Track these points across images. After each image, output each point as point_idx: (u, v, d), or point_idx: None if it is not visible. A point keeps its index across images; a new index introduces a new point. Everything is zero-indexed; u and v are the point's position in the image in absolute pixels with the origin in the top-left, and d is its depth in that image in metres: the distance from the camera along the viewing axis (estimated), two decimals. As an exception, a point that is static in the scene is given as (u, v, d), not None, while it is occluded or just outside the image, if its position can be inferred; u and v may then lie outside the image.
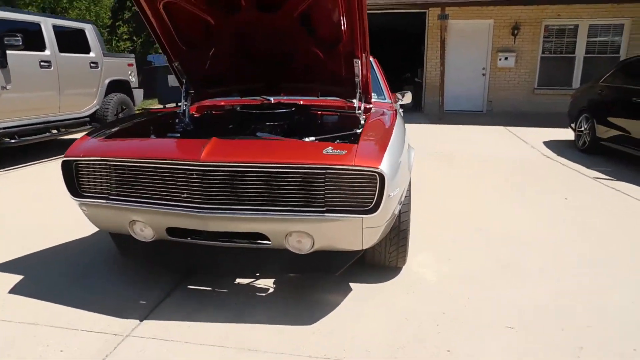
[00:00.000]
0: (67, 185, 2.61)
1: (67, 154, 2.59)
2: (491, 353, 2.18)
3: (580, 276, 2.99)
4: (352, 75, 3.05)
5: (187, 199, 2.36)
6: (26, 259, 3.21)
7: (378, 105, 3.62)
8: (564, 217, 4.13)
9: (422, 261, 3.18)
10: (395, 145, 2.51)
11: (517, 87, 11.99)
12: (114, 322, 2.43)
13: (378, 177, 2.22)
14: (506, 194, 4.92)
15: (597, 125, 6.81)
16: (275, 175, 2.27)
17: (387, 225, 2.49)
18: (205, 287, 2.80)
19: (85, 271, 3.02)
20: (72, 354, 2.17)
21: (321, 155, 2.27)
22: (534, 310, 2.57)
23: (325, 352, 2.18)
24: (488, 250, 3.39)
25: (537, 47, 11.72)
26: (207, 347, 2.22)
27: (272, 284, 2.84)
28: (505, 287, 2.84)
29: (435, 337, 2.31)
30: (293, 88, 3.63)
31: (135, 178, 2.47)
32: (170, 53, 3.25)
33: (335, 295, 2.71)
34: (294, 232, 2.35)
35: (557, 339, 2.30)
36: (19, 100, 6.09)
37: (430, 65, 12.11)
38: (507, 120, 10.50)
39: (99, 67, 7.59)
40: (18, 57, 6.01)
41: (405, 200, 2.76)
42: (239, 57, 3.31)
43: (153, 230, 2.54)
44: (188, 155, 2.33)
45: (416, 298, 2.70)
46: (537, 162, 6.56)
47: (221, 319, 2.46)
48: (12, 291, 2.75)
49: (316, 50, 3.10)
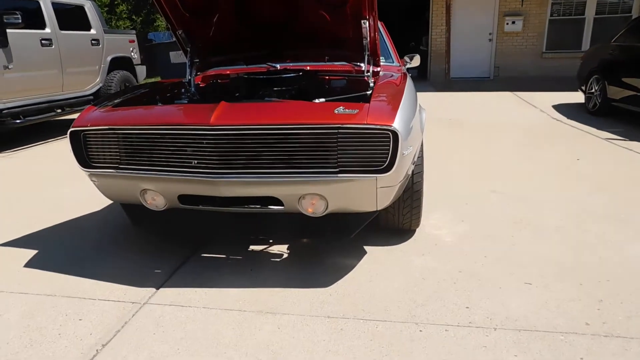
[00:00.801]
0: (76, 156, 2.58)
1: (74, 124, 2.55)
2: (510, 309, 2.17)
3: (597, 232, 2.96)
4: (360, 38, 2.98)
5: (198, 165, 2.32)
6: (39, 235, 3.21)
7: (386, 68, 3.55)
8: (578, 177, 4.08)
9: (436, 223, 3.15)
10: (407, 104, 2.46)
11: (525, 51, 11.77)
12: (130, 290, 2.43)
13: (391, 135, 2.17)
14: (517, 156, 4.85)
15: (609, 86, 6.67)
16: (287, 137, 2.23)
17: (401, 185, 2.45)
18: (220, 254, 2.79)
19: (98, 243, 3.02)
20: (92, 322, 2.17)
21: (333, 115, 2.22)
22: (552, 266, 2.54)
23: (344, 312, 2.18)
24: (502, 211, 3.35)
25: (546, 9, 11.45)
26: (225, 312, 2.22)
27: (286, 249, 2.83)
28: (522, 245, 2.81)
29: (453, 295, 2.30)
30: (299, 54, 3.56)
31: (144, 146, 2.43)
32: (174, 21, 3.18)
33: (350, 259, 2.69)
34: (307, 195, 2.32)
35: (576, 293, 2.28)
36: (21, 80, 6.03)
37: (435, 33, 11.90)
38: (515, 86, 10.33)
39: (101, 44, 7.50)
40: (18, 36, 5.93)
41: (418, 161, 2.72)
42: (243, 23, 3.23)
43: (164, 198, 2.52)
44: (197, 120, 2.28)
45: (432, 258, 2.68)
46: (546, 126, 6.46)
47: (237, 284, 2.46)
48: (28, 265, 2.76)
49: (322, 13, 3.02)
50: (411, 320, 2.11)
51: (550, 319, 2.08)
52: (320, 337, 2.01)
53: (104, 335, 2.08)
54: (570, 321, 2.06)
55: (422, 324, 2.08)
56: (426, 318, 2.12)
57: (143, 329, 2.11)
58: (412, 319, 2.12)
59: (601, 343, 1.92)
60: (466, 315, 2.14)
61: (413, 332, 2.03)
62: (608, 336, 1.96)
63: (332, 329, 2.07)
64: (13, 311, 2.28)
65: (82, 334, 2.09)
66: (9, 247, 3.01)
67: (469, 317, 2.12)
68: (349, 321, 2.12)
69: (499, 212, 3.34)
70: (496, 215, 3.27)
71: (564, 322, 2.06)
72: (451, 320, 2.10)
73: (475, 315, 2.13)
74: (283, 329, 2.08)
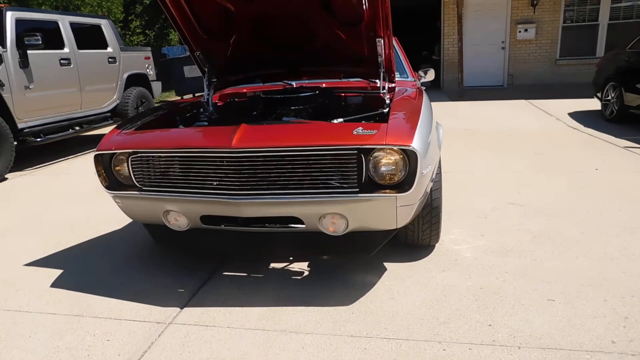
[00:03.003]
0: (100, 178, 2.64)
1: (99, 147, 2.62)
2: (534, 326, 2.16)
3: (619, 244, 2.93)
4: (375, 55, 3.01)
5: (220, 186, 2.37)
6: (64, 254, 3.28)
7: (401, 84, 3.58)
8: (597, 187, 4.05)
9: (455, 238, 3.15)
10: (425, 122, 2.48)
11: (539, 59, 11.71)
12: (155, 310, 2.48)
13: (410, 154, 2.20)
14: (534, 166, 4.83)
15: (625, 93, 6.61)
16: (307, 158, 2.26)
17: (420, 203, 2.47)
18: (241, 272, 2.83)
19: (121, 263, 3.08)
20: (119, 342, 2.22)
21: (352, 136, 2.25)
22: (574, 281, 2.53)
23: (367, 331, 2.19)
24: (522, 223, 3.34)
25: (559, 16, 11.39)
26: (249, 331, 2.25)
27: (307, 267, 2.86)
28: (542, 259, 2.80)
29: (475, 312, 2.30)
30: (315, 72, 3.60)
31: (167, 168, 2.49)
32: (192, 42, 3.25)
33: (371, 275, 2.71)
34: (328, 214, 2.35)
35: (601, 310, 2.26)
36: (42, 99, 6.18)
37: (447, 42, 11.90)
38: (529, 94, 10.27)
39: (117, 61, 7.65)
40: (38, 57, 6.09)
41: (436, 178, 2.73)
42: (259, 43, 3.29)
43: (187, 219, 2.57)
44: (218, 143, 2.33)
45: (452, 274, 2.68)
46: (563, 134, 6.42)
47: (260, 303, 2.49)
48: (54, 285, 2.82)
49: (337, 32, 3.07)
50: (434, 339, 2.11)
51: (575, 336, 2.08)
52: (344, 357, 2.03)
53: (132, 355, 2.12)
54: (596, 339, 2.05)
55: (446, 343, 2.08)
56: (449, 336, 2.13)
57: (170, 349, 2.14)
58: (435, 337, 2.13)
59: (628, 361, 1.91)
60: (489, 333, 2.14)
61: (437, 351, 2.03)
62: (635, 355, 1.94)
63: (355, 348, 2.08)
64: (43, 332, 2.34)
65: (110, 354, 2.13)
66: (35, 267, 3.08)
67: (492, 335, 2.12)
68: (372, 340, 2.13)
69: (518, 225, 3.33)
70: (515, 229, 3.26)
71: (589, 340, 2.05)
72: (474, 338, 2.10)
73: (499, 333, 2.13)
74: (307, 349, 2.10)
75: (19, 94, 5.79)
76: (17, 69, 5.76)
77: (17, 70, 5.77)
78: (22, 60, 5.82)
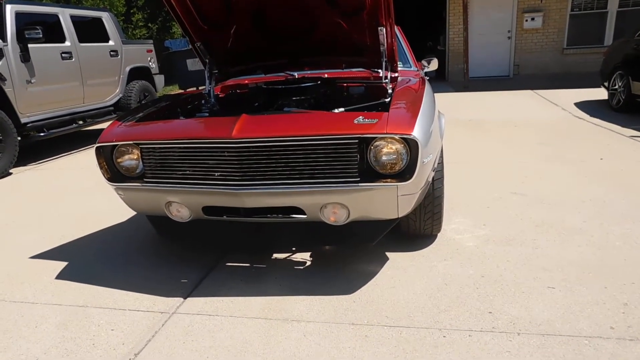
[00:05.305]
0: (102, 170, 2.66)
1: (100, 140, 2.63)
2: (534, 313, 2.17)
3: (621, 232, 2.93)
4: (377, 44, 3.00)
5: (222, 177, 2.38)
6: (68, 247, 3.32)
7: (404, 73, 3.57)
8: (601, 177, 4.03)
9: (457, 227, 3.16)
10: (426, 111, 2.48)
11: (545, 48, 11.61)
12: (158, 300, 2.50)
13: (411, 143, 2.20)
14: (539, 156, 4.81)
15: (633, 82, 6.54)
16: (307, 148, 2.27)
17: (422, 192, 2.47)
18: (244, 263, 2.85)
19: (125, 254, 3.11)
20: (123, 331, 2.25)
21: (353, 125, 2.25)
22: (575, 269, 2.53)
23: (368, 319, 2.21)
24: (525, 213, 3.34)
25: (566, 4, 11.26)
26: (252, 320, 2.27)
27: (309, 257, 2.87)
28: (544, 248, 2.80)
29: (476, 300, 2.31)
30: (317, 62, 3.59)
31: (169, 159, 2.50)
32: (192, 34, 3.25)
33: (372, 265, 2.72)
34: (329, 204, 2.35)
35: (601, 297, 2.27)
36: (44, 93, 6.18)
37: (452, 32, 11.82)
38: (535, 84, 10.20)
39: (119, 55, 7.65)
40: (40, 50, 6.07)
41: (438, 167, 2.73)
42: (260, 33, 3.28)
43: (189, 210, 2.58)
44: (219, 133, 2.34)
45: (454, 263, 2.69)
46: (569, 124, 6.38)
47: (262, 292, 2.51)
48: (59, 276, 2.85)
49: (339, 21, 3.05)
50: (435, 326, 2.13)
51: (574, 323, 2.08)
52: (345, 344, 2.05)
53: (136, 344, 2.14)
54: (595, 325, 2.06)
55: (446, 330, 2.10)
56: (450, 324, 2.14)
57: (173, 338, 2.17)
58: (436, 324, 2.14)
59: (626, 347, 1.91)
60: (489, 320, 2.15)
61: (437, 338, 2.05)
62: (633, 340, 1.95)
63: (356, 335, 2.10)
64: (48, 322, 2.37)
65: (115, 343, 2.16)
66: (40, 260, 3.11)
67: (492, 322, 2.13)
68: (373, 328, 2.15)
69: (521, 214, 3.33)
70: (518, 218, 3.26)
71: (588, 326, 2.06)
72: (474, 325, 2.11)
73: (499, 321, 2.14)
74: (309, 337, 2.12)
75: (21, 88, 5.80)
76: (18, 63, 5.75)
77: (19, 64, 5.77)
78: (23, 54, 5.80)
